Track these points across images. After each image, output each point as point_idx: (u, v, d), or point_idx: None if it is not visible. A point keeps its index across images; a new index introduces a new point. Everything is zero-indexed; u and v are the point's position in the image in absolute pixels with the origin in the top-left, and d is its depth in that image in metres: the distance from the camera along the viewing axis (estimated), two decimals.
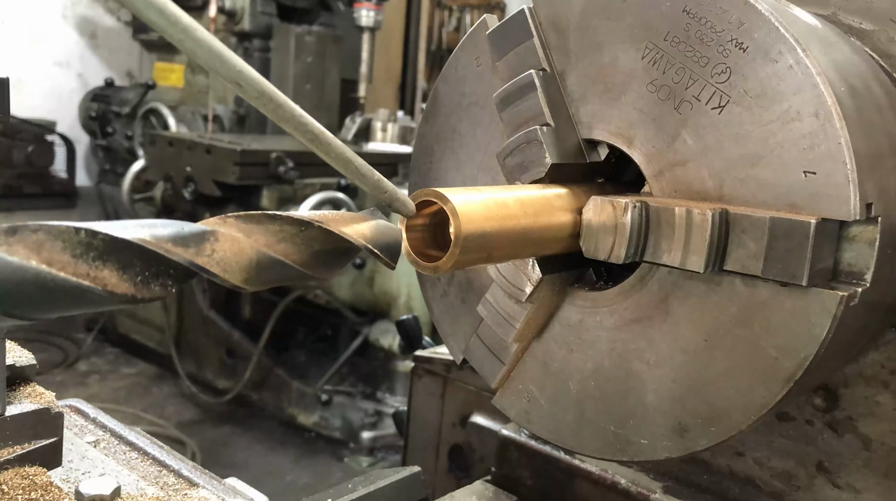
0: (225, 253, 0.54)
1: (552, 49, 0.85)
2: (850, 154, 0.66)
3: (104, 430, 0.94)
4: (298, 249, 0.58)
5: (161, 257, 0.51)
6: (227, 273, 0.54)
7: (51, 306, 0.49)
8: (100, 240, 0.49)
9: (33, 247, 0.48)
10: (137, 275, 0.51)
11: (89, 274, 0.49)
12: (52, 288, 0.48)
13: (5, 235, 0.47)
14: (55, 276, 0.48)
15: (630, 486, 0.98)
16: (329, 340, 5.06)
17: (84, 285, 0.49)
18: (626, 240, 0.76)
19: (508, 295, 0.90)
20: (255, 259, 0.56)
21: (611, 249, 0.78)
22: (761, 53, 0.71)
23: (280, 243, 0.57)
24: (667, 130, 0.76)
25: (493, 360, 0.92)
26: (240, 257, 0.55)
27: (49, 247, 0.48)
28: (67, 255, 0.49)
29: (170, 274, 0.52)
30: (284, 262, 0.57)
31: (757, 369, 0.72)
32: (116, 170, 5.93)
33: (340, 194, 4.44)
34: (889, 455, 0.87)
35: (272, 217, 0.58)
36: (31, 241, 0.48)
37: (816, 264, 0.68)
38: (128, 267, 0.50)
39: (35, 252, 0.48)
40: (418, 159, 1.00)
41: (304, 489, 3.91)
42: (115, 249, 0.50)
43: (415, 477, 1.04)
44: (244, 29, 5.51)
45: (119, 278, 0.50)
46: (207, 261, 0.53)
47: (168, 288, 0.52)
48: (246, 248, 0.55)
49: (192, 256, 0.52)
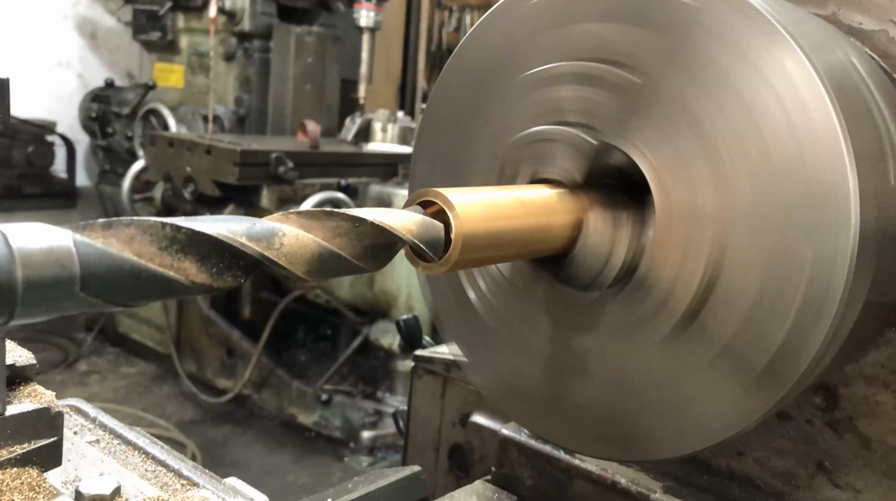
0: (291, 247, 0.59)
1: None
2: (850, 155, 0.67)
3: (104, 430, 0.94)
4: (352, 243, 0.63)
5: (235, 250, 0.56)
6: (293, 265, 0.59)
7: (142, 294, 0.53)
8: (183, 234, 0.54)
9: (126, 240, 0.52)
10: (213, 267, 0.56)
11: (173, 266, 0.54)
12: (144, 277, 0.52)
13: (102, 229, 0.51)
14: (147, 266, 0.52)
15: (630, 486, 0.98)
16: (329, 340, 5.07)
17: (170, 275, 0.53)
18: (615, 269, 0.80)
19: (506, 294, 0.91)
20: (317, 252, 0.61)
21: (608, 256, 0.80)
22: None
23: (336, 238, 0.62)
24: (679, 148, 0.77)
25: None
26: (304, 250, 0.60)
27: (139, 240, 0.52)
28: (154, 248, 0.53)
29: (240, 266, 0.57)
30: (342, 255, 0.62)
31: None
32: (116, 170, 5.92)
33: (340, 194, 4.44)
34: (889, 455, 0.87)
35: (329, 214, 0.62)
36: (124, 235, 0.52)
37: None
38: (205, 259, 0.55)
39: (127, 244, 0.52)
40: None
41: (304, 489, 3.91)
42: (195, 242, 0.55)
43: (415, 477, 1.04)
44: (244, 29, 5.51)
45: (198, 269, 0.55)
46: (276, 254, 0.58)
47: (238, 278, 0.57)
48: (309, 243, 0.60)
49: (263, 249, 0.57)
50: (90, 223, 0.52)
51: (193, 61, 5.84)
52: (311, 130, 4.80)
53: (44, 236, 0.48)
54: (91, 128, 6.18)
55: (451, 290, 0.97)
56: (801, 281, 0.69)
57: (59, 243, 0.49)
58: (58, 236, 0.49)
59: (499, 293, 0.92)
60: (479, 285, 0.94)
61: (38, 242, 0.48)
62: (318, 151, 4.75)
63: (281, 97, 5.54)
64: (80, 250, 0.49)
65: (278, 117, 5.56)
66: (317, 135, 4.80)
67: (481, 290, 0.94)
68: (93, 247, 0.50)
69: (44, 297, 0.48)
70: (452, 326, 0.99)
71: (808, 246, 0.69)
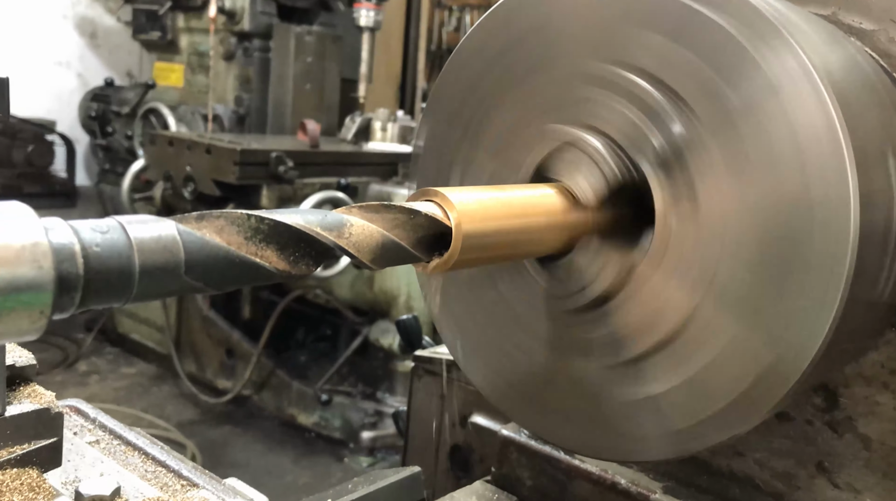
0: (358, 237, 0.64)
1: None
2: (850, 155, 0.66)
3: (104, 430, 0.94)
4: (408, 234, 0.67)
5: (312, 239, 0.61)
6: (360, 253, 0.64)
7: (234, 279, 0.58)
8: (265, 224, 0.59)
9: (217, 229, 0.57)
10: (291, 255, 0.60)
11: (257, 253, 0.58)
12: (237, 263, 0.57)
13: (196, 220, 0.56)
14: (238, 253, 0.57)
15: (630, 486, 0.98)
16: (329, 340, 5.06)
17: (257, 262, 0.58)
18: (595, 294, 0.82)
19: (507, 295, 0.90)
20: (380, 242, 0.65)
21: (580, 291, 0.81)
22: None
23: (395, 228, 0.67)
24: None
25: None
26: (370, 240, 0.64)
27: (228, 230, 0.57)
28: (241, 237, 0.58)
29: (312, 255, 0.62)
30: (402, 244, 0.67)
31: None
32: (116, 169, 5.91)
33: (340, 194, 4.43)
34: (889, 455, 0.86)
35: (387, 206, 0.67)
36: (215, 225, 0.57)
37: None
38: (284, 248, 0.60)
39: (218, 234, 0.57)
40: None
41: (304, 489, 3.91)
42: (276, 232, 0.59)
43: (415, 478, 1.04)
44: (244, 29, 5.50)
45: (278, 257, 0.60)
46: (346, 243, 0.63)
47: (310, 266, 0.62)
48: (373, 232, 0.65)
49: (335, 238, 0.62)
50: (185, 216, 0.56)
51: (193, 61, 5.84)
52: (310, 130, 4.80)
53: (153, 225, 0.53)
54: (91, 127, 6.17)
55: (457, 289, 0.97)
56: (802, 281, 0.69)
57: (166, 232, 0.54)
58: (164, 226, 0.54)
59: (500, 294, 0.92)
60: (481, 286, 0.94)
61: (149, 231, 0.53)
62: (318, 151, 4.75)
63: (281, 96, 5.54)
64: (184, 238, 0.54)
65: (278, 116, 5.55)
66: (317, 135, 4.80)
67: (482, 291, 0.94)
68: (193, 236, 0.55)
69: (155, 281, 0.53)
70: (454, 325, 0.99)
71: (808, 246, 0.69)
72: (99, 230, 0.51)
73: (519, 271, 0.89)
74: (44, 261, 0.47)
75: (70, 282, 0.49)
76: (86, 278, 0.49)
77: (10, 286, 0.45)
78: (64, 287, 0.48)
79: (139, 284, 0.52)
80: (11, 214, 0.47)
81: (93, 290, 0.50)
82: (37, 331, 0.48)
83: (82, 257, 0.49)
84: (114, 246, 0.51)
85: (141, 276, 0.51)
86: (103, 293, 0.51)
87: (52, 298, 0.47)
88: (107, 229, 0.51)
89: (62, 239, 0.49)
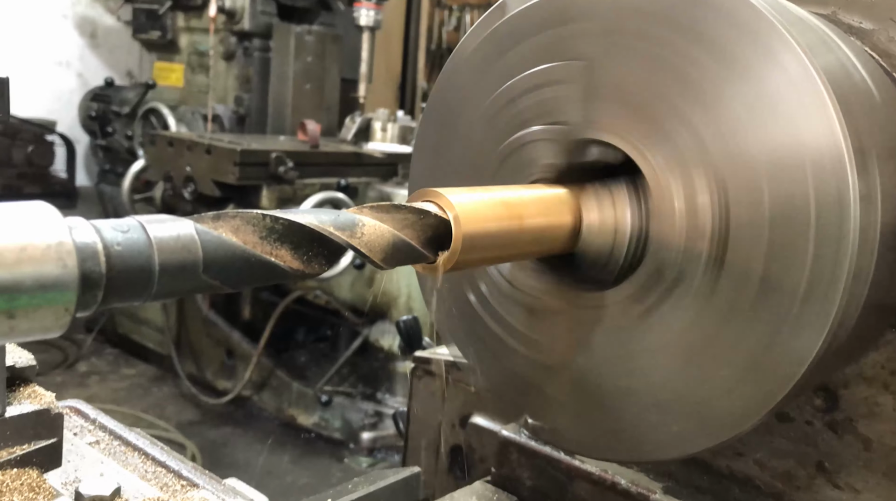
0: (370, 236, 0.65)
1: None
2: (850, 155, 0.66)
3: (104, 431, 0.94)
4: (417, 234, 0.68)
5: (324, 238, 0.62)
6: (372, 252, 0.65)
7: (249, 278, 0.58)
8: (280, 224, 0.59)
9: (233, 229, 0.57)
10: (304, 254, 0.61)
11: (272, 253, 0.59)
12: (253, 262, 0.58)
13: (213, 220, 0.57)
14: (254, 253, 0.58)
15: (630, 486, 0.98)
16: (329, 341, 5.06)
17: (273, 261, 0.59)
18: (626, 238, 0.77)
19: (507, 295, 0.90)
20: (391, 241, 0.66)
21: (611, 251, 0.79)
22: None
23: (405, 228, 0.67)
24: (665, 131, 0.76)
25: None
26: (381, 240, 0.65)
27: (244, 229, 0.58)
28: (256, 237, 0.58)
29: (325, 254, 0.62)
30: (412, 244, 0.67)
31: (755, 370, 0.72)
32: (116, 170, 5.91)
33: (340, 194, 4.43)
34: (889, 456, 0.87)
35: (397, 207, 0.67)
36: (231, 225, 0.58)
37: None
38: (298, 247, 0.61)
39: (235, 233, 0.57)
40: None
41: (304, 489, 3.91)
42: (291, 232, 0.60)
43: (415, 478, 1.04)
44: (244, 28, 5.50)
45: (292, 256, 0.60)
46: (358, 242, 0.64)
47: (323, 265, 0.63)
48: (385, 232, 0.66)
49: (348, 237, 0.63)
50: (202, 215, 0.57)
51: (193, 60, 5.84)
52: (310, 130, 4.80)
53: (171, 225, 0.54)
54: (91, 127, 6.17)
55: (453, 292, 0.97)
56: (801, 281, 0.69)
57: (185, 231, 0.55)
58: (182, 225, 0.55)
59: (500, 294, 0.92)
60: (481, 287, 0.94)
61: (168, 230, 0.54)
62: (318, 151, 4.75)
63: (281, 96, 5.54)
64: (202, 237, 0.55)
65: (278, 117, 5.55)
66: (317, 135, 4.79)
67: (482, 293, 0.93)
68: (211, 235, 0.56)
69: (174, 279, 0.54)
70: (454, 327, 0.99)
71: (808, 247, 0.69)
72: (120, 229, 0.52)
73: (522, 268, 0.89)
74: (68, 260, 0.47)
75: (93, 281, 0.49)
76: (108, 276, 0.50)
77: (37, 284, 0.46)
78: (87, 285, 0.49)
79: (159, 282, 0.53)
80: (36, 214, 0.48)
81: (114, 288, 0.51)
82: (60, 328, 0.49)
83: (104, 256, 0.50)
84: (134, 245, 0.52)
85: (161, 275, 0.52)
86: (124, 291, 0.52)
87: (76, 296, 0.48)
88: (127, 228, 0.52)
89: (85, 238, 0.50)
